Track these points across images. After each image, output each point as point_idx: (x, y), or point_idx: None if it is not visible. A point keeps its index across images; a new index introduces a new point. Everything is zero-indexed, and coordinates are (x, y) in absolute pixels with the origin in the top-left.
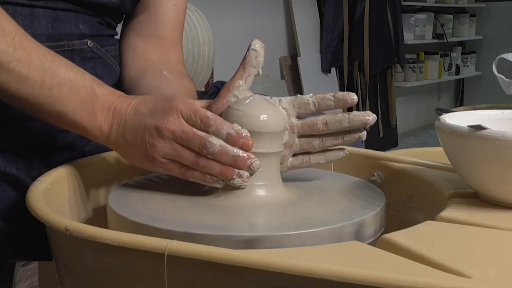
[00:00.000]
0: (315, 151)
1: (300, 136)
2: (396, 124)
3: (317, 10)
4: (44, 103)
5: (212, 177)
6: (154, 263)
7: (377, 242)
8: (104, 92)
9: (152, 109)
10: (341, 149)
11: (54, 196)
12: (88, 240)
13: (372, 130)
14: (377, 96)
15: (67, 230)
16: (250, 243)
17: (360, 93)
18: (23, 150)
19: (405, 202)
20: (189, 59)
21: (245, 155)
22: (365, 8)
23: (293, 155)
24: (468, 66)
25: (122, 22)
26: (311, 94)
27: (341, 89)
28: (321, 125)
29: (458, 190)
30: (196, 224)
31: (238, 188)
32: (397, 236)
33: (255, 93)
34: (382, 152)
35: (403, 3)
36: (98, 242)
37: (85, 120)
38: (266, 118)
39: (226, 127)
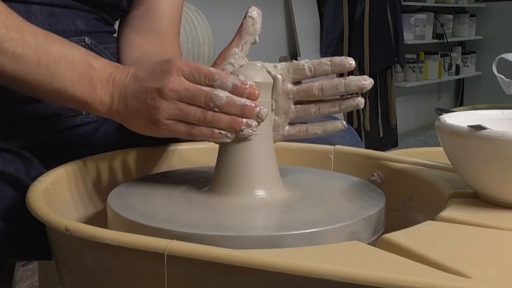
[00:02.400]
0: (312, 121)
1: (296, 103)
2: (396, 124)
3: (317, 10)
4: (42, 81)
5: (220, 131)
6: (154, 263)
7: (377, 242)
8: (101, 64)
9: (151, 73)
10: (340, 121)
11: (54, 196)
12: (88, 240)
13: (372, 130)
14: (377, 96)
15: (67, 230)
16: (248, 243)
17: (360, 93)
18: (23, 150)
19: (405, 202)
20: (189, 59)
21: (252, 104)
22: (365, 8)
23: (291, 124)
24: (468, 66)
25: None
26: (307, 60)
27: None
28: (317, 91)
29: (458, 190)
30: (196, 224)
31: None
32: (397, 236)
33: (252, 62)
34: (382, 152)
35: (403, 3)
36: (98, 242)
37: (85, 93)
38: (259, 80)
39: (231, 78)
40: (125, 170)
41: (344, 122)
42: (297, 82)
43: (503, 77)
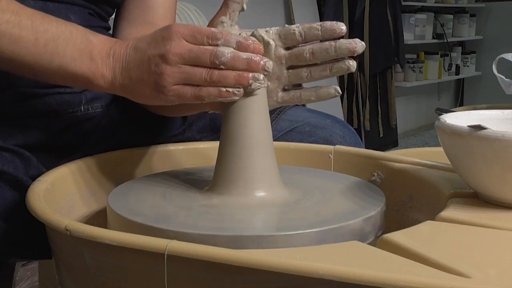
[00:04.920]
0: (306, 88)
1: (288, 68)
2: (396, 124)
3: (317, 10)
4: (41, 60)
5: (227, 89)
6: (154, 263)
7: (377, 242)
8: (100, 39)
9: (152, 41)
10: (333, 87)
11: (54, 196)
12: (88, 240)
13: (372, 130)
14: (377, 96)
15: (67, 230)
16: (249, 243)
17: (360, 93)
18: (21, 148)
19: (405, 202)
20: None
21: (257, 57)
22: (365, 8)
23: (285, 90)
24: (468, 66)
25: (114, 16)
26: (298, 24)
27: (341, 89)
28: (308, 55)
29: (458, 190)
30: (196, 224)
31: (237, 194)
32: (397, 236)
33: (244, 30)
34: (382, 152)
35: (403, 3)
36: (98, 242)
37: (86, 69)
38: None
39: (234, 36)
40: (125, 170)
41: (338, 88)
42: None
43: (503, 77)
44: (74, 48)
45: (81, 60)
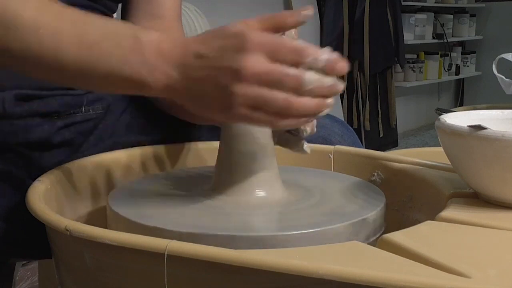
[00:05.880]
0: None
1: None
2: (396, 124)
3: (317, 10)
4: (86, 64)
5: (303, 119)
6: (154, 263)
7: (377, 242)
8: (152, 39)
9: (220, 50)
10: (306, 145)
11: (54, 196)
12: (88, 240)
13: (372, 130)
14: (377, 96)
15: (67, 230)
16: (249, 243)
17: (360, 93)
18: (22, 148)
19: (405, 202)
20: None
21: (338, 82)
22: (365, 8)
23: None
24: (468, 66)
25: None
26: None
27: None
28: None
29: (458, 190)
30: (196, 224)
31: (240, 193)
32: (397, 236)
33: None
34: (382, 152)
35: (403, 3)
36: (98, 242)
37: (135, 74)
38: None
39: (322, 53)
40: (126, 169)
41: (308, 148)
42: None
43: (503, 77)
44: (122, 49)
45: (131, 64)
